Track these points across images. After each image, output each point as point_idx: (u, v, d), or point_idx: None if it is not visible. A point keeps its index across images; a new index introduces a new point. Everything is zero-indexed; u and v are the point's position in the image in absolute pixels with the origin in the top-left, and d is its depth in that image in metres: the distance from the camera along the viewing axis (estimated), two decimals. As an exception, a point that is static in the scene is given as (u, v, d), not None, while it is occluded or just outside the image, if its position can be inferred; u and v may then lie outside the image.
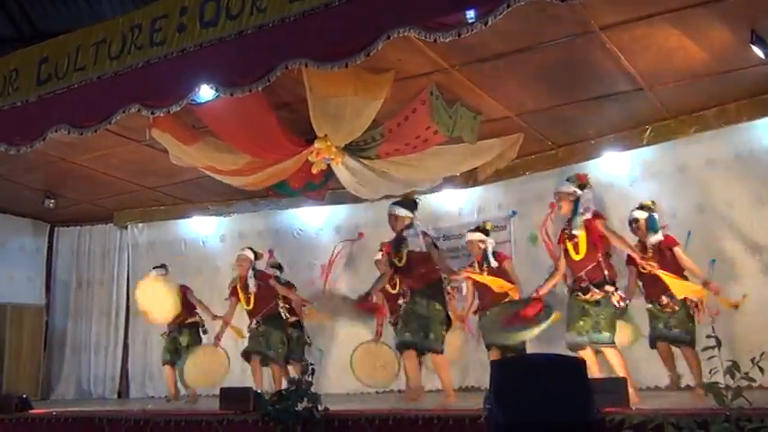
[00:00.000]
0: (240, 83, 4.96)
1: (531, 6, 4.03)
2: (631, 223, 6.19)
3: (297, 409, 4.62)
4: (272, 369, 7.43)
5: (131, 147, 7.49)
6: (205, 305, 8.03)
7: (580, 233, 5.46)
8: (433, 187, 8.30)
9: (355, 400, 7.12)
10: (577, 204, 5.52)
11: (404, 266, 6.22)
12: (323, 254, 8.87)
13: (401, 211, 6.28)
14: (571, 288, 5.52)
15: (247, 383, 6.94)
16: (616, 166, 7.40)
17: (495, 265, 6.76)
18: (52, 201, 9.28)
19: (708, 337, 3.38)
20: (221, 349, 7.54)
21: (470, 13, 4.12)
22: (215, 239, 9.82)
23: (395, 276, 6.67)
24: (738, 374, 3.21)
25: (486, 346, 6.60)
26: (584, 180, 5.69)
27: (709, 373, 3.40)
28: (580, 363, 3.78)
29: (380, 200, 8.08)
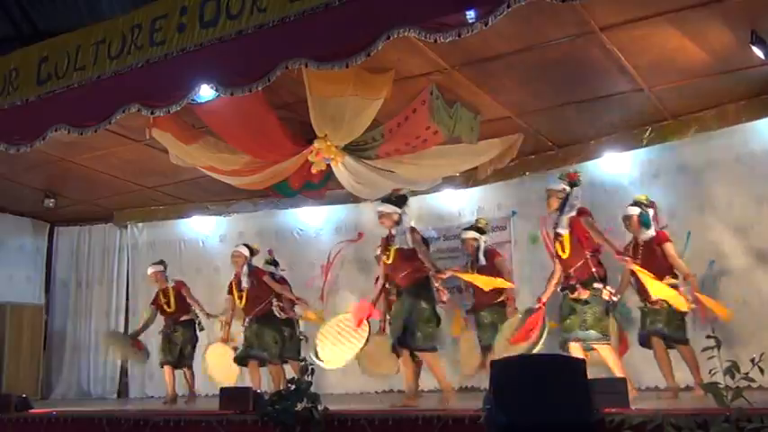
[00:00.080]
0: (240, 83, 4.97)
1: (531, 7, 4.03)
2: (625, 220, 6.18)
3: (296, 410, 4.61)
4: (268, 369, 7.36)
5: (131, 146, 7.49)
6: (200, 303, 7.97)
7: (565, 232, 5.47)
8: (433, 187, 8.30)
9: (355, 400, 7.11)
10: (566, 202, 5.53)
11: (391, 264, 6.13)
12: (323, 254, 8.84)
13: (388, 208, 6.17)
14: (562, 286, 5.54)
15: (247, 383, 6.97)
16: (616, 166, 7.39)
17: (484, 262, 6.73)
18: (52, 200, 9.29)
19: (708, 337, 3.38)
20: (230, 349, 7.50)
21: (470, 14, 4.13)
22: (214, 239, 9.82)
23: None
24: (738, 375, 3.21)
25: (487, 348, 6.59)
26: (574, 178, 5.68)
27: (709, 373, 3.40)
28: (580, 363, 3.78)
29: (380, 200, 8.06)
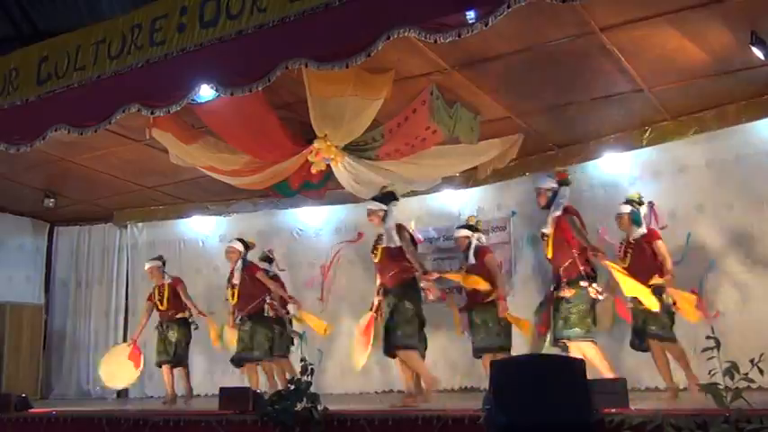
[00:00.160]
0: (240, 83, 4.97)
1: (531, 7, 4.03)
2: (617, 218, 6.18)
3: (296, 410, 4.61)
4: (262, 366, 7.29)
5: (131, 146, 7.49)
6: (193, 303, 7.92)
7: (550, 231, 5.47)
8: (433, 187, 8.30)
9: (355, 400, 7.11)
10: (554, 201, 5.53)
11: (379, 263, 6.10)
12: (322, 254, 8.87)
13: (373, 205, 6.18)
14: (553, 286, 5.57)
15: (247, 383, 6.97)
16: (616, 166, 7.39)
17: (473, 261, 6.74)
18: (52, 200, 9.28)
19: (707, 338, 3.38)
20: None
21: (470, 14, 4.13)
22: (214, 239, 9.80)
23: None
24: (738, 375, 3.21)
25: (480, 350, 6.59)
26: (563, 177, 5.69)
27: (709, 374, 3.40)
28: (579, 363, 3.78)
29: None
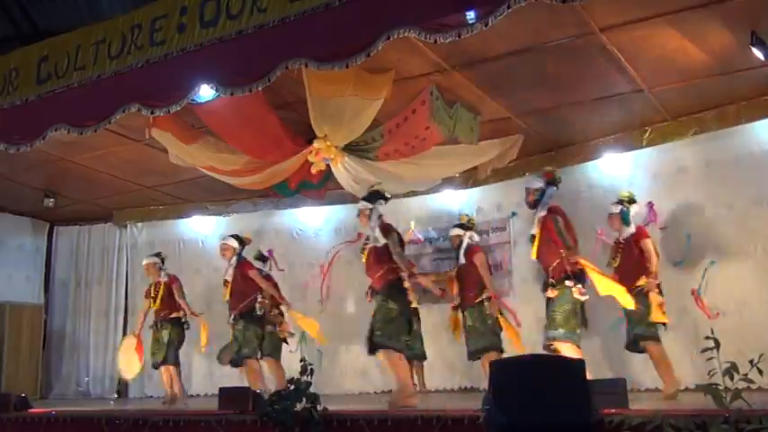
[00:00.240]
0: (240, 83, 4.97)
1: (531, 7, 4.03)
2: (608, 218, 6.21)
3: (296, 410, 4.61)
4: (249, 365, 7.20)
5: (131, 146, 7.49)
6: (186, 303, 7.90)
7: (536, 231, 5.48)
8: (433, 188, 8.30)
9: (354, 400, 7.11)
10: (541, 200, 5.54)
11: (366, 264, 6.07)
12: (322, 254, 8.86)
13: (361, 204, 6.14)
14: (542, 286, 5.58)
15: (246, 382, 6.96)
16: (616, 167, 7.39)
17: (463, 261, 6.71)
18: (51, 200, 9.28)
19: (706, 338, 3.38)
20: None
21: (470, 14, 4.12)
22: (214, 239, 9.73)
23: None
24: (737, 376, 3.21)
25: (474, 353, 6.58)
26: (550, 176, 5.69)
27: (708, 374, 3.40)
28: (579, 363, 3.78)
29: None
